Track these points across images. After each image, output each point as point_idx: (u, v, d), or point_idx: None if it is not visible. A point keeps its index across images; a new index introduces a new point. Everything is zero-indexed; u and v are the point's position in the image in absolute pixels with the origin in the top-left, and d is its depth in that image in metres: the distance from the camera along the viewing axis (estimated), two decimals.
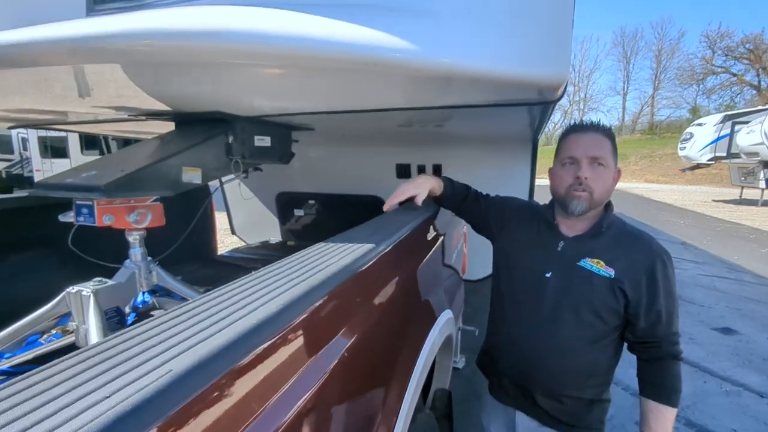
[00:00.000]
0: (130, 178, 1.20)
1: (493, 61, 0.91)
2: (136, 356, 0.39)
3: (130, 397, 0.32)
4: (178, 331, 0.44)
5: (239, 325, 0.46)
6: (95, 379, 0.35)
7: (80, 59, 1.05)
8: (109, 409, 0.31)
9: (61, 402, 0.32)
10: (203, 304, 0.53)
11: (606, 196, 1.12)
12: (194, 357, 0.38)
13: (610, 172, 1.11)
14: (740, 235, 8.08)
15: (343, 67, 0.92)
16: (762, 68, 25.17)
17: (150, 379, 0.35)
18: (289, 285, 0.59)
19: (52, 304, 1.27)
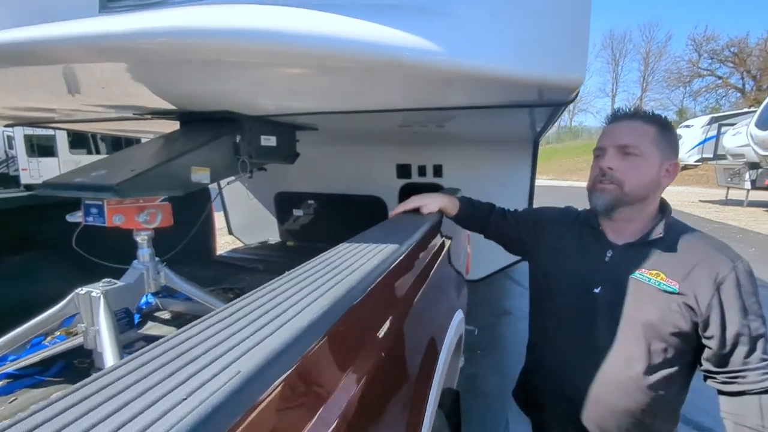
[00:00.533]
0: (142, 178, 1.19)
1: (513, 62, 0.92)
2: (200, 357, 0.39)
3: (209, 398, 0.32)
4: (233, 332, 0.44)
5: (292, 325, 0.46)
6: (166, 381, 0.35)
7: (93, 57, 1.04)
8: (192, 411, 0.31)
9: (141, 403, 0.32)
10: (248, 305, 0.53)
11: (642, 190, 0.97)
12: (259, 357, 0.39)
13: (647, 163, 0.95)
14: (728, 235, 8.25)
15: (363, 67, 0.92)
16: (746, 71, 25.72)
17: (221, 381, 0.35)
18: (328, 285, 0.59)
19: (61, 306, 1.25)
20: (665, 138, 0.97)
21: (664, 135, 0.97)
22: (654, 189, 0.98)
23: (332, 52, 0.84)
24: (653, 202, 1.01)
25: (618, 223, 1.03)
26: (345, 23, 0.83)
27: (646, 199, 0.99)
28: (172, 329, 1.67)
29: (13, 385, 1.25)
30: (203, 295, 1.51)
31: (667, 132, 0.98)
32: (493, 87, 1.05)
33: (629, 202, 0.98)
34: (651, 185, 0.98)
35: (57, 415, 0.31)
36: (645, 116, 0.99)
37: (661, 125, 0.97)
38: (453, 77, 0.92)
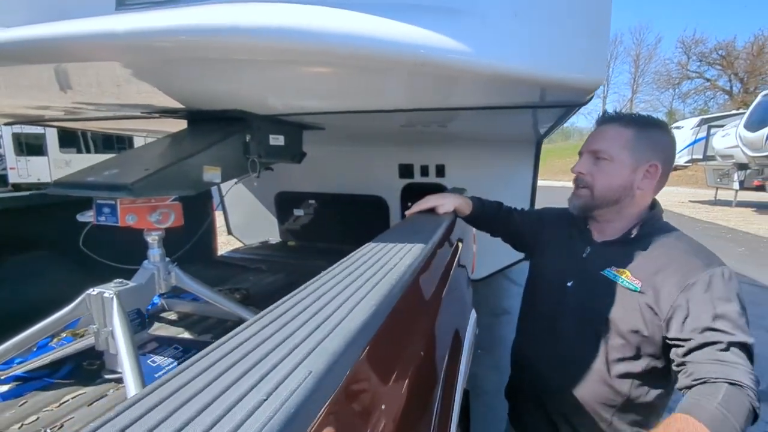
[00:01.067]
0: (156, 177, 1.18)
1: (537, 63, 0.93)
2: (266, 357, 0.39)
3: (290, 398, 0.32)
4: (290, 333, 0.44)
5: (346, 325, 0.46)
6: (241, 380, 0.35)
7: (110, 55, 1.02)
8: (277, 412, 0.31)
9: (223, 404, 0.32)
10: (294, 306, 0.52)
11: (611, 193, 0.99)
12: (325, 357, 0.38)
13: (617, 167, 0.97)
14: (718, 235, 8.39)
15: (391, 67, 0.92)
16: (734, 74, 26.18)
17: (297, 380, 0.35)
18: (369, 285, 0.59)
19: (72, 307, 1.23)
20: (643, 140, 0.97)
21: (641, 137, 0.97)
22: (627, 191, 0.99)
23: (360, 51, 0.84)
24: (633, 204, 1.01)
25: (601, 224, 1.07)
26: (372, 22, 0.83)
27: (620, 201, 1.00)
28: (181, 330, 1.66)
29: (22, 387, 1.23)
30: (214, 296, 1.50)
31: (648, 134, 0.98)
32: (514, 87, 1.05)
33: (600, 205, 1.02)
34: (622, 188, 0.99)
35: (143, 415, 0.31)
36: (626, 119, 1.00)
37: (641, 127, 0.98)
38: (478, 77, 0.93)
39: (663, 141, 1.00)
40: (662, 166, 0.99)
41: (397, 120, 1.95)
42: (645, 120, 1.01)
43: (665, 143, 1.00)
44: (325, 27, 0.84)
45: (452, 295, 1.01)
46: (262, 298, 2.04)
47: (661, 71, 30.76)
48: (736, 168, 11.47)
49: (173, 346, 1.34)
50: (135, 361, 1.09)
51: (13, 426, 1.06)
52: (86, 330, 1.54)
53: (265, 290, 2.18)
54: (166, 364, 1.25)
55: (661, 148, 0.99)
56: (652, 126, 1.00)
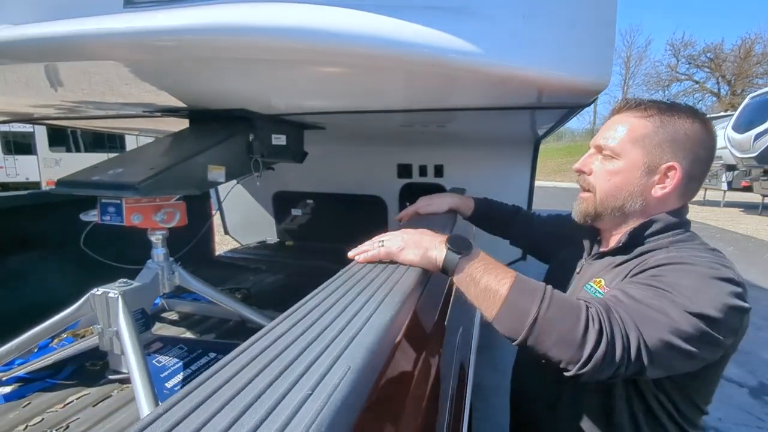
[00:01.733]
0: (162, 176, 1.17)
1: (545, 64, 0.94)
2: (303, 354, 0.39)
3: (334, 393, 0.33)
4: (321, 329, 0.45)
5: (376, 320, 0.46)
6: (284, 375, 0.35)
7: (118, 54, 1.02)
8: (324, 406, 0.31)
9: (269, 399, 0.32)
10: (320, 303, 0.53)
11: (616, 201, 0.84)
12: (361, 353, 0.39)
13: (624, 167, 0.82)
14: (708, 235, 8.52)
15: (400, 68, 0.93)
16: (721, 76, 26.62)
17: (337, 376, 0.35)
18: (390, 283, 0.59)
19: (76, 307, 1.22)
20: (662, 135, 0.80)
21: (661, 131, 0.81)
22: (636, 197, 0.83)
23: (372, 51, 0.85)
24: (644, 212, 0.85)
25: (606, 233, 0.93)
26: (384, 23, 0.84)
27: (625, 207, 0.84)
28: (183, 330, 1.65)
29: (24, 388, 1.22)
30: (218, 296, 1.49)
31: (672, 126, 0.80)
32: (520, 88, 1.07)
33: (604, 212, 0.86)
34: (629, 194, 0.83)
35: (191, 413, 0.31)
36: (646, 107, 0.84)
37: (664, 118, 0.81)
38: (488, 78, 0.94)
39: (690, 135, 0.81)
40: (685, 168, 0.80)
41: (397, 120, 1.96)
42: (671, 108, 0.83)
43: (694, 138, 0.81)
44: (337, 27, 0.85)
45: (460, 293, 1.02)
46: (264, 298, 2.04)
47: (651, 73, 31.16)
48: (724, 169, 11.65)
49: (178, 346, 1.34)
50: (142, 361, 1.09)
51: (18, 427, 1.05)
52: (87, 330, 1.52)
53: (266, 290, 2.18)
54: (171, 364, 1.25)
55: (687, 144, 0.80)
56: (679, 116, 0.81)
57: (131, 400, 1.16)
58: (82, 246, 1.37)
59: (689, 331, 0.65)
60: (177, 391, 1.14)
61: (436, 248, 0.76)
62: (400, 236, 0.81)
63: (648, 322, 0.66)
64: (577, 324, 0.64)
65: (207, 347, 1.36)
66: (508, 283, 0.68)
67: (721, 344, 0.68)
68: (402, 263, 0.76)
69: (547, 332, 0.64)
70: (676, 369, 0.70)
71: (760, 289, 5.16)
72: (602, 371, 0.64)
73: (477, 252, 0.75)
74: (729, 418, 2.68)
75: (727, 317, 0.67)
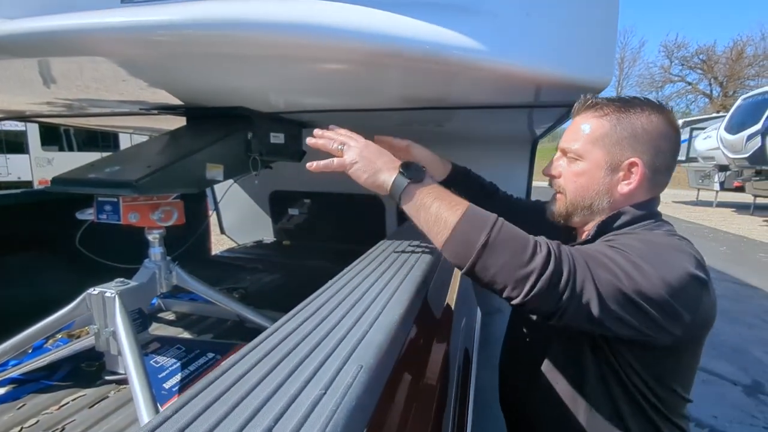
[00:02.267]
0: (161, 174, 1.16)
1: (548, 63, 0.94)
2: (313, 353, 0.38)
3: (349, 392, 0.32)
4: (330, 327, 0.44)
5: (385, 319, 0.46)
6: (295, 374, 0.34)
7: (117, 49, 1.00)
8: (339, 406, 0.30)
9: (283, 398, 0.31)
10: (328, 301, 0.52)
11: (585, 200, 0.86)
12: (372, 351, 0.38)
13: (588, 168, 0.84)
14: (700, 234, 8.61)
15: (403, 64, 0.92)
16: (714, 78, 26.89)
17: (350, 374, 0.34)
18: (397, 280, 0.59)
19: (71, 307, 1.20)
20: (620, 131, 0.82)
21: (619, 128, 0.82)
22: (604, 196, 0.85)
23: (377, 48, 0.84)
24: (611, 207, 0.86)
25: (578, 230, 0.96)
26: (389, 19, 0.83)
27: (594, 205, 0.86)
28: (180, 330, 1.63)
29: (19, 390, 1.20)
30: (216, 295, 1.48)
31: (629, 122, 0.82)
32: (523, 86, 1.06)
33: (575, 212, 0.89)
34: (596, 193, 0.85)
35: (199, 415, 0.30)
36: (603, 106, 0.85)
37: (621, 114, 0.83)
38: (491, 76, 0.94)
39: (649, 129, 0.82)
40: (647, 162, 0.82)
41: (395, 119, 1.96)
42: (627, 105, 0.84)
43: (652, 132, 0.82)
44: (337, 22, 0.84)
45: (463, 290, 1.02)
46: (261, 298, 2.02)
47: (644, 74, 31.46)
48: (717, 169, 11.76)
49: (176, 346, 1.32)
50: (140, 361, 1.07)
51: (13, 429, 1.03)
52: (83, 331, 1.50)
53: (264, 289, 2.16)
54: (169, 365, 1.23)
55: (646, 138, 0.82)
56: (635, 111, 0.83)
57: (128, 401, 1.14)
58: (77, 245, 1.36)
59: (642, 284, 0.65)
60: (175, 392, 1.12)
61: (388, 171, 0.80)
62: (359, 148, 0.85)
63: (599, 266, 0.68)
64: (525, 249, 0.66)
65: (205, 347, 1.34)
66: (460, 211, 0.69)
67: (678, 315, 0.68)
68: (350, 176, 0.82)
69: (494, 257, 0.65)
70: (627, 324, 0.68)
71: (752, 288, 5.21)
72: (547, 299, 0.64)
73: (429, 180, 0.77)
74: (724, 416, 2.70)
75: (684, 285, 0.67)
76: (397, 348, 0.43)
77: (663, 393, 0.79)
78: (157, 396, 1.06)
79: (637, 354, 0.76)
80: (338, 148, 0.89)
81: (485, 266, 0.64)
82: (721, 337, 3.88)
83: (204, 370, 1.21)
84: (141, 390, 1.01)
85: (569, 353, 0.84)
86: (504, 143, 2.74)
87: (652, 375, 0.78)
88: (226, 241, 4.06)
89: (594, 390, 0.81)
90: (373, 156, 0.84)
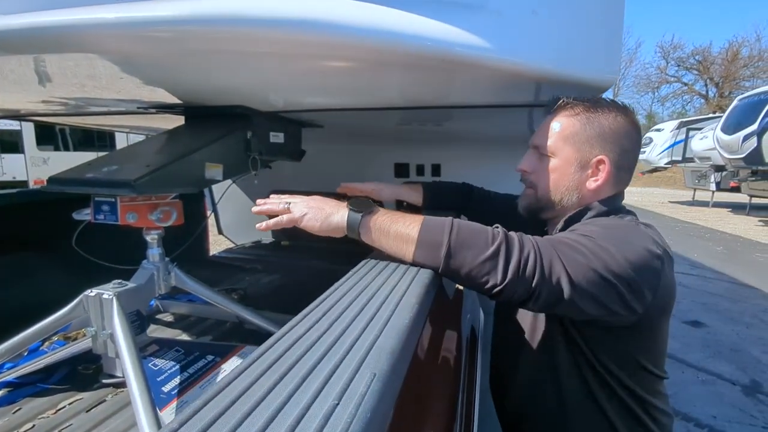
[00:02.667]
0: (159, 174, 1.14)
1: (556, 61, 0.92)
2: (323, 360, 0.37)
3: (363, 402, 0.30)
4: (339, 333, 0.42)
5: (395, 323, 0.44)
6: (306, 383, 0.33)
7: (115, 45, 0.98)
8: (355, 417, 0.29)
9: (295, 409, 0.30)
10: (334, 305, 0.51)
11: (556, 195, 0.91)
12: (385, 358, 0.37)
13: (559, 164, 0.89)
14: (697, 234, 8.64)
15: (407, 62, 0.91)
16: (709, 79, 27.02)
17: (364, 383, 0.33)
18: (404, 284, 0.57)
19: (68, 309, 1.18)
20: (590, 130, 0.88)
21: (588, 127, 0.88)
22: (573, 191, 0.90)
23: (382, 45, 0.82)
24: (578, 203, 0.91)
25: (550, 225, 0.99)
26: (394, 15, 0.82)
27: (563, 201, 0.91)
28: (178, 332, 1.61)
29: (14, 394, 1.17)
30: (216, 297, 1.46)
31: (597, 122, 0.87)
32: (528, 85, 1.05)
33: (545, 206, 0.93)
34: (566, 189, 0.90)
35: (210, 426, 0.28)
36: (573, 106, 0.91)
37: (589, 114, 0.88)
38: (496, 74, 0.92)
39: (615, 129, 0.89)
40: (613, 159, 0.88)
41: (395, 118, 1.95)
42: (595, 105, 0.91)
43: (618, 131, 0.89)
44: (341, 19, 0.82)
45: (468, 293, 1.00)
46: (261, 299, 2.00)
47: (641, 75, 31.61)
48: (713, 170, 11.83)
49: (174, 348, 1.30)
50: (138, 364, 1.05)
51: None
52: (79, 333, 1.48)
53: (263, 290, 2.14)
54: (168, 368, 1.21)
55: (612, 137, 0.88)
56: (603, 111, 0.90)
57: (126, 405, 1.12)
58: (74, 246, 1.33)
59: (608, 261, 0.69)
60: (174, 395, 1.10)
61: (338, 213, 0.86)
62: (305, 201, 0.90)
63: (566, 247, 0.71)
64: (486, 239, 0.70)
65: (204, 349, 1.32)
66: (417, 226, 0.73)
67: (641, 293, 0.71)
68: (304, 228, 0.87)
69: (460, 254, 0.68)
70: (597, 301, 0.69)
71: (749, 288, 5.23)
72: (519, 284, 0.67)
73: (378, 209, 0.83)
74: (723, 416, 2.70)
75: (646, 262, 0.72)
76: (409, 353, 0.41)
77: (633, 371, 0.82)
78: (156, 399, 1.04)
79: (603, 336, 0.80)
80: (285, 206, 0.95)
81: (456, 265, 0.67)
82: (720, 336, 3.89)
83: (203, 373, 1.19)
84: (139, 393, 0.99)
85: (545, 343, 0.88)
86: (503, 143, 2.73)
87: (618, 355, 0.81)
88: (223, 242, 4.03)
89: (570, 377, 0.84)
90: (320, 203, 0.91)
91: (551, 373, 0.85)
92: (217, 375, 1.22)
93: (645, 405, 0.82)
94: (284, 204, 0.94)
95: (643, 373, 0.82)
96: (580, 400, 0.82)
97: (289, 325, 0.45)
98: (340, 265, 0.72)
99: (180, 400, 1.10)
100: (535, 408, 0.89)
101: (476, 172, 2.92)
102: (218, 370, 1.24)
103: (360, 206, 0.84)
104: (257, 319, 1.50)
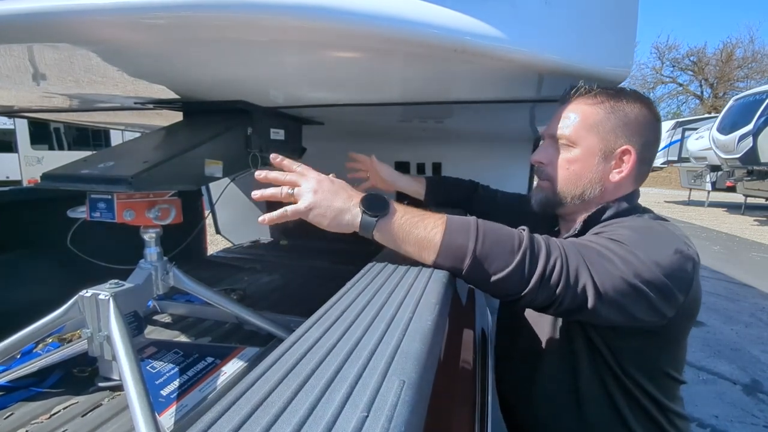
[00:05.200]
0: (157, 170, 1.10)
1: (569, 53, 0.90)
2: (344, 367, 0.33)
3: (396, 414, 0.27)
4: (359, 336, 0.39)
5: (418, 326, 0.41)
6: (329, 393, 0.29)
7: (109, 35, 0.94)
8: (388, 431, 0.26)
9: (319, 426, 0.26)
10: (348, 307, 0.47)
11: (576, 188, 0.85)
12: (415, 363, 0.34)
13: (581, 155, 0.84)
14: (693, 234, 8.67)
15: (416, 51, 0.87)
16: (704, 79, 27.21)
17: (392, 393, 0.30)
18: (420, 284, 0.54)
19: (63, 310, 1.14)
20: (614, 120, 0.83)
21: (612, 116, 0.83)
22: (595, 184, 0.85)
23: (391, 33, 0.79)
24: (601, 197, 0.86)
25: (567, 222, 0.94)
26: (408, 3, 0.79)
27: (585, 194, 0.85)
28: (177, 333, 1.57)
29: (7, 398, 1.13)
30: (215, 297, 1.42)
31: (622, 111, 0.83)
32: (537, 78, 1.02)
33: (563, 200, 0.88)
34: (588, 181, 0.85)
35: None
36: (595, 94, 0.86)
37: (613, 103, 0.84)
38: (508, 65, 0.89)
39: (640, 119, 0.85)
40: (638, 150, 0.84)
41: (396, 115, 1.92)
42: (618, 94, 0.86)
43: (643, 122, 0.85)
44: (350, 4, 0.79)
45: (479, 292, 0.98)
46: (260, 299, 1.97)
47: (636, 75, 31.68)
48: (708, 170, 11.88)
49: (173, 350, 1.26)
50: (135, 367, 1.01)
51: None
52: (74, 335, 1.44)
53: (263, 290, 2.10)
54: (166, 370, 1.17)
55: (637, 128, 0.84)
56: (628, 101, 0.85)
57: (124, 409, 1.09)
58: (69, 245, 1.29)
59: (638, 267, 0.64)
60: (173, 399, 1.07)
61: (350, 212, 0.76)
62: (313, 190, 0.78)
63: (593, 254, 0.67)
64: (513, 249, 0.65)
65: (203, 351, 1.29)
66: (439, 232, 0.68)
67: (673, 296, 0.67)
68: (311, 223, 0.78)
69: (486, 264, 0.64)
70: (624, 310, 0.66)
71: (747, 287, 5.24)
72: (543, 290, 0.63)
73: (394, 210, 0.75)
74: (724, 416, 2.69)
75: (678, 264, 0.67)
76: (435, 358, 0.38)
77: (658, 378, 0.78)
78: (155, 403, 1.00)
79: (629, 343, 0.76)
80: (289, 193, 0.83)
81: (480, 273, 0.63)
82: (719, 336, 3.89)
83: (203, 375, 1.16)
84: (137, 397, 0.95)
85: (563, 348, 0.83)
86: (504, 141, 2.71)
87: (644, 361, 0.77)
88: (220, 242, 3.99)
89: (590, 386, 0.80)
90: (329, 195, 0.79)
91: (570, 380, 0.81)
92: (217, 377, 1.18)
93: (666, 412, 0.78)
94: (288, 190, 0.83)
95: (665, 379, 0.79)
96: (602, 412, 0.79)
97: (303, 328, 0.41)
98: (341, 265, 0.68)
99: (179, 403, 1.06)
100: (554, 422, 0.84)
101: (477, 171, 2.89)
102: (218, 372, 1.20)
103: (374, 208, 0.76)
104: (257, 320, 1.46)
